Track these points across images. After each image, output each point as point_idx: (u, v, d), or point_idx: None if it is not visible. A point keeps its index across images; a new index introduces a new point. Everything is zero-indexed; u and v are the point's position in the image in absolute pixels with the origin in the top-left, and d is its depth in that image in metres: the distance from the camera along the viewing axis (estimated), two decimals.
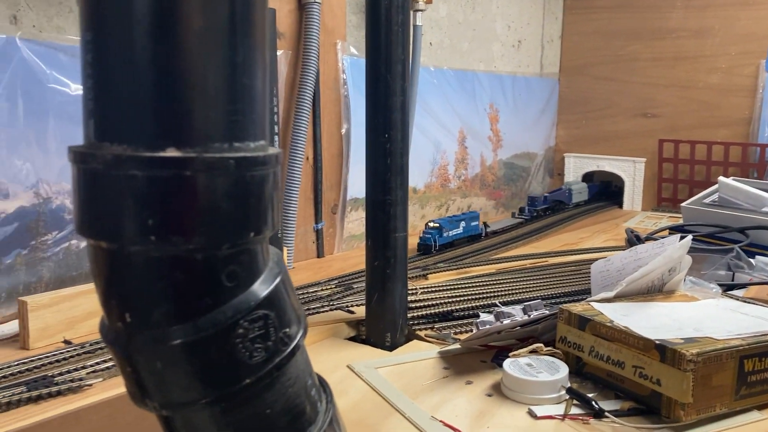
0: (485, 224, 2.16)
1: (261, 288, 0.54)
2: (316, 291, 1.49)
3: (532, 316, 1.13)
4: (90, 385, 0.94)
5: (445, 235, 1.93)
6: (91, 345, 1.07)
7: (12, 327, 1.16)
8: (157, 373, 0.52)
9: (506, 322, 1.12)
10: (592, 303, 1.10)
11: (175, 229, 0.49)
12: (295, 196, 1.71)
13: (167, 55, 0.48)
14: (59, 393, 0.91)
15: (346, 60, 1.89)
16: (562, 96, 3.19)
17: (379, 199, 1.19)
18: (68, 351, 1.05)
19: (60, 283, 1.25)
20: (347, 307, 1.36)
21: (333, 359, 1.14)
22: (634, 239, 1.60)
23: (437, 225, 1.93)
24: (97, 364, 1.00)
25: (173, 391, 0.53)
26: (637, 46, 2.97)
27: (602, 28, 3.05)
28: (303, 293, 1.47)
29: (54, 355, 1.03)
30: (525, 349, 1.07)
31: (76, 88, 1.19)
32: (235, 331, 0.51)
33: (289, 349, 0.56)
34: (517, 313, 1.15)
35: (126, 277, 0.50)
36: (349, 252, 1.97)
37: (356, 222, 2.00)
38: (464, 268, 1.75)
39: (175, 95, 0.48)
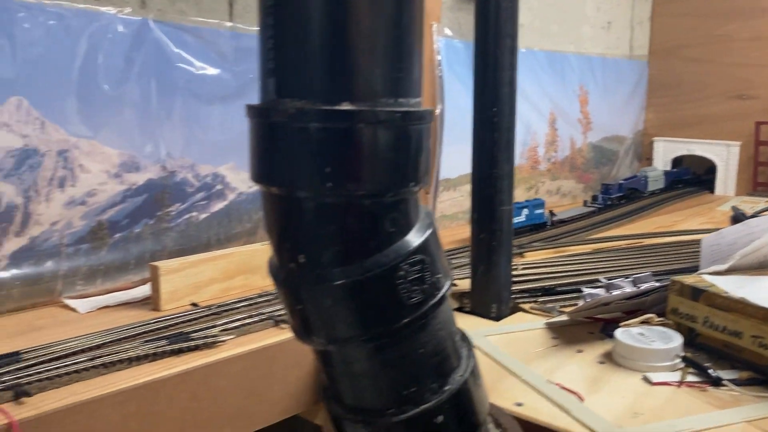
0: (551, 212, 2.04)
1: (417, 235, 0.58)
2: None
3: (641, 288, 1.14)
4: (223, 341, 1.00)
5: None
6: (217, 307, 1.15)
7: (141, 291, 1.25)
8: (325, 311, 0.57)
9: (616, 293, 1.13)
10: (703, 276, 1.10)
11: (348, 176, 0.53)
12: None
13: (342, 17, 0.52)
14: (197, 347, 0.98)
15: (441, 41, 1.92)
16: (652, 78, 3.11)
17: (485, 173, 1.21)
18: (197, 312, 1.12)
19: (181, 252, 1.33)
20: None
21: None
22: (740, 216, 1.57)
23: None
24: (227, 323, 1.07)
25: (339, 328, 0.57)
26: (733, 26, 2.87)
27: (695, 8, 2.96)
28: None
29: (185, 315, 1.11)
30: (636, 320, 1.08)
31: (200, 67, 1.27)
32: (396, 273, 0.56)
33: (440, 294, 0.60)
34: (626, 286, 1.16)
35: (301, 222, 0.55)
36: (442, 231, 2.00)
37: (447, 202, 2.03)
38: (560, 247, 1.76)
39: (349, 54, 0.53)
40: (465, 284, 1.33)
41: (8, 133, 1.05)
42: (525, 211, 1.92)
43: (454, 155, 1.91)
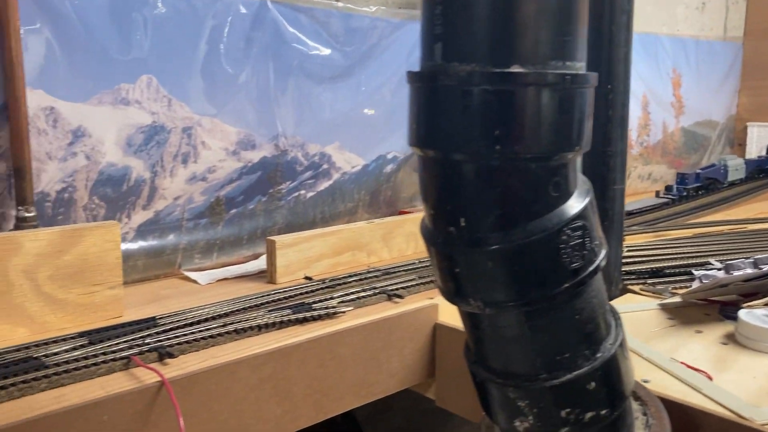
0: None
1: (578, 201, 0.58)
2: None
3: (764, 270, 1.10)
4: (343, 312, 1.03)
5: None
6: (330, 281, 1.18)
7: (254, 265, 1.29)
8: (484, 274, 0.58)
9: (737, 274, 1.10)
10: None
11: (518, 139, 0.54)
12: None
13: None
14: (319, 317, 1.01)
15: None
16: (747, 61, 2.99)
17: (598, 151, 1.19)
18: (312, 285, 1.16)
19: (289, 229, 1.37)
20: None
21: None
22: None
23: None
24: (343, 296, 1.09)
25: (497, 291, 0.58)
26: None
27: None
28: None
29: (301, 287, 1.14)
30: (760, 301, 1.05)
31: (313, 47, 1.30)
32: (559, 237, 0.56)
33: (598, 260, 0.59)
34: (746, 267, 1.13)
35: (466, 185, 0.56)
36: None
37: None
38: (658, 231, 1.72)
39: (518, 18, 0.53)
40: None
41: (139, 110, 1.10)
42: None
43: None
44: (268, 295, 1.10)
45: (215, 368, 0.83)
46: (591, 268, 0.59)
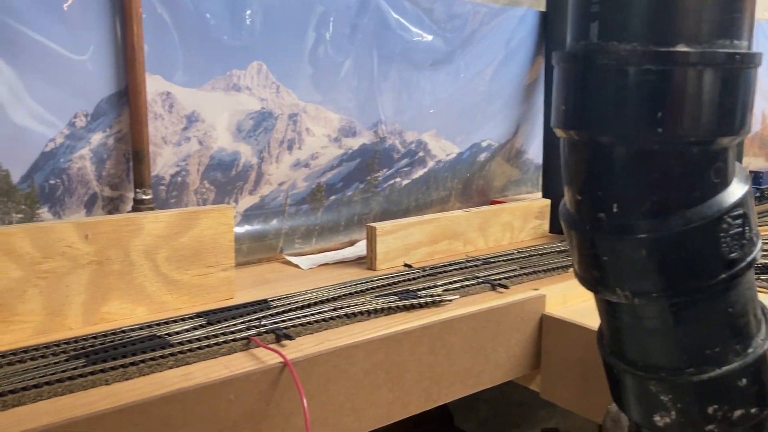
0: None
1: (738, 187, 0.55)
2: None
3: None
4: (449, 300, 1.02)
5: None
6: (431, 269, 1.17)
7: (351, 251, 1.29)
8: (636, 263, 0.56)
9: None
10: None
11: (681, 121, 0.51)
12: None
13: None
14: (425, 305, 1.00)
15: None
16: None
17: None
18: (413, 272, 1.15)
19: (384, 216, 1.37)
20: None
21: None
22: None
23: None
24: (447, 284, 1.09)
25: (649, 281, 0.56)
26: None
27: None
28: None
29: (403, 274, 1.14)
30: None
31: (416, 33, 1.29)
32: (719, 225, 0.53)
33: (756, 251, 0.57)
34: None
35: (620, 169, 0.54)
36: None
37: None
38: (762, 226, 1.64)
39: None
40: None
41: (250, 96, 1.12)
42: None
43: None
44: (371, 281, 1.10)
45: (333, 351, 0.84)
46: (749, 259, 0.56)
